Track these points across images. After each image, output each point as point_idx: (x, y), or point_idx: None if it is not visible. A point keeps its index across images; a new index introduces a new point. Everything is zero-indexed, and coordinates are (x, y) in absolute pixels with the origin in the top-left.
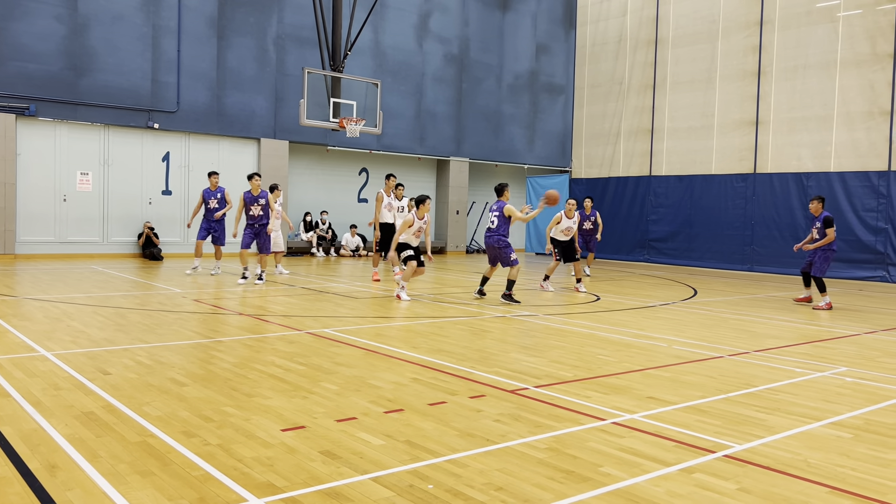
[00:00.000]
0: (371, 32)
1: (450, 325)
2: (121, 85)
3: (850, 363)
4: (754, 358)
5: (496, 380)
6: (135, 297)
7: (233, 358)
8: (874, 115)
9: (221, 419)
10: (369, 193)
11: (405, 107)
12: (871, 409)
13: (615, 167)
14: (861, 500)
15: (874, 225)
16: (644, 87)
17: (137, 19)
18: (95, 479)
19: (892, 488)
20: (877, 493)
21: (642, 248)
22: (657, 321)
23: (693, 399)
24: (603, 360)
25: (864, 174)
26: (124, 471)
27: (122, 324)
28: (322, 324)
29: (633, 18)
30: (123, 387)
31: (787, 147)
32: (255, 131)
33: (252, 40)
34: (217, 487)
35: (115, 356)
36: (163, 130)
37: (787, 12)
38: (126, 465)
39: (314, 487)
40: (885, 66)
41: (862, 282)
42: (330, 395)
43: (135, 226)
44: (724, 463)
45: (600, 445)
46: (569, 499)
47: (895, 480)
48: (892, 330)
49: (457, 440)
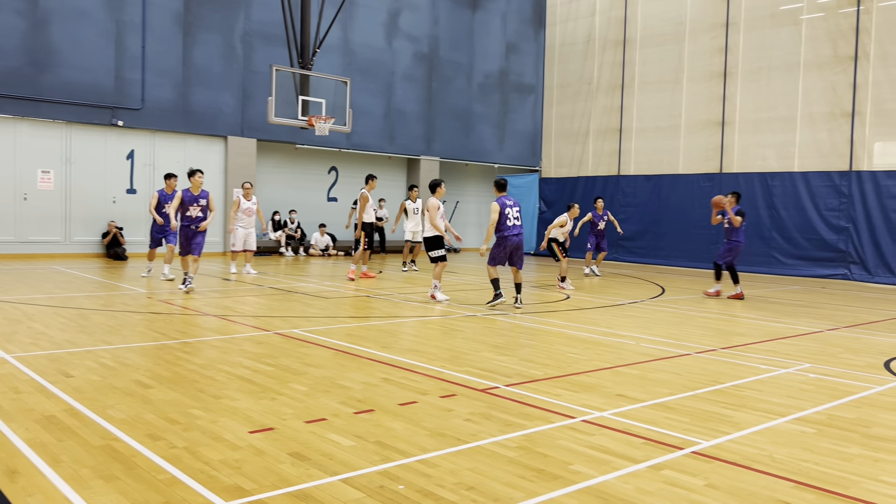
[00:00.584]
0: (340, 30)
1: (421, 324)
2: (83, 81)
3: (814, 360)
4: (721, 355)
5: (467, 379)
6: (98, 297)
7: (199, 359)
8: (836, 117)
9: (188, 421)
10: (339, 192)
11: (375, 105)
12: (833, 404)
13: (584, 167)
14: (824, 494)
15: (836, 224)
16: (612, 88)
17: (100, 14)
18: (57, 484)
19: (854, 482)
20: (839, 487)
21: (611, 247)
22: (626, 319)
23: (661, 396)
24: (573, 359)
25: (827, 174)
26: (87, 475)
27: (84, 325)
28: (291, 324)
29: (602, 19)
30: (86, 389)
31: (753, 147)
32: (222, 129)
33: (219, 37)
34: (183, 491)
35: (78, 358)
36: (127, 128)
37: (752, 14)
38: (89, 469)
39: (283, 490)
40: (846, 68)
41: (825, 279)
42: (299, 396)
43: (98, 225)
44: (691, 459)
45: (570, 443)
46: (539, 497)
47: (857, 474)
48: (854, 327)
49: (427, 440)
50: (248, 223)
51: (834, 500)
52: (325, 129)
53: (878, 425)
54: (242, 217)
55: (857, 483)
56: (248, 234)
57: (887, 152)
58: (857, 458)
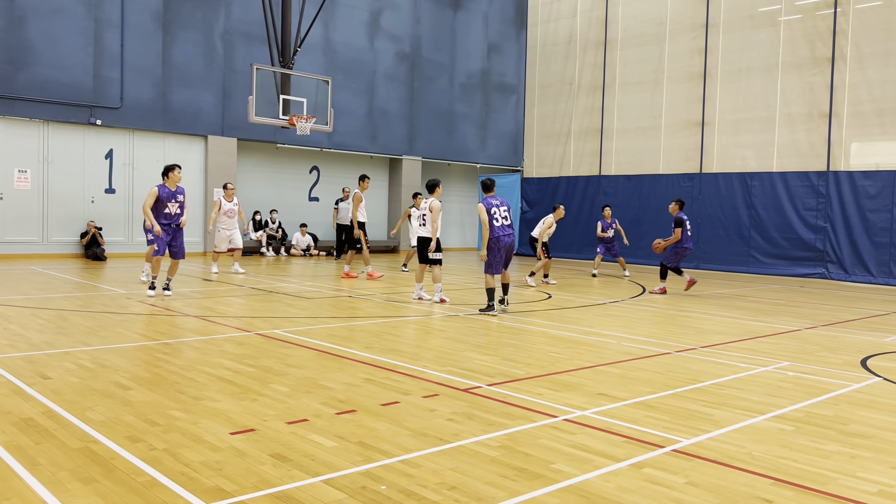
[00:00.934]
0: (321, 29)
1: (403, 324)
2: (61, 80)
3: (792, 358)
4: (701, 354)
5: (450, 379)
6: (77, 298)
7: (180, 360)
8: (814, 117)
9: (168, 423)
10: (320, 192)
11: (357, 105)
12: (811, 402)
13: (566, 167)
14: (802, 491)
15: (814, 223)
16: (594, 88)
17: (78, 12)
18: (35, 487)
19: (831, 478)
20: (817, 484)
21: (592, 247)
22: (607, 318)
23: (642, 395)
24: (555, 358)
25: (805, 174)
26: (65, 478)
27: (63, 326)
28: (272, 325)
29: (583, 20)
30: (64, 391)
31: (732, 147)
32: (202, 128)
33: (199, 35)
34: (163, 493)
35: (56, 360)
36: (106, 127)
37: (732, 16)
38: (67, 472)
39: (264, 491)
40: (823, 69)
41: (803, 279)
42: (280, 397)
43: (76, 225)
44: (672, 457)
45: (552, 442)
46: (521, 496)
47: (834, 471)
48: (832, 325)
49: (410, 440)
50: (230, 224)
51: (812, 497)
52: (306, 129)
53: (854, 422)
54: (224, 219)
55: (835, 479)
56: (233, 233)
57: (864, 153)
58: (834, 454)
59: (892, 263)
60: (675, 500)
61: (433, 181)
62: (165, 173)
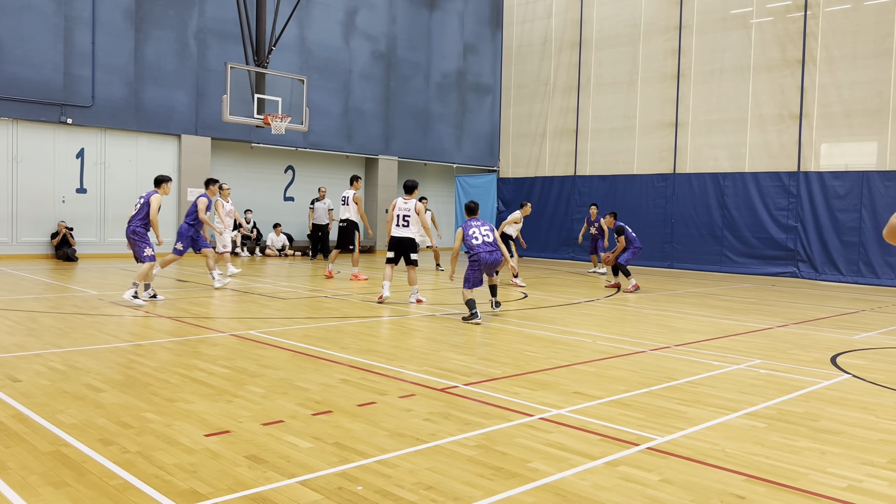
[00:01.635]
0: (296, 28)
1: (379, 324)
2: (30, 78)
3: (764, 356)
4: (675, 352)
5: (426, 379)
6: (47, 299)
7: (153, 362)
8: (784, 118)
9: (141, 425)
10: (295, 192)
11: (332, 104)
12: (783, 399)
13: (541, 167)
14: (774, 487)
15: (785, 223)
16: (569, 89)
17: (48, 9)
18: (4, 492)
19: (802, 474)
20: (788, 480)
21: (567, 247)
22: (582, 317)
23: (617, 393)
24: (531, 357)
25: (776, 174)
26: (36, 482)
27: (33, 328)
28: (247, 325)
29: (558, 20)
30: (35, 394)
31: (705, 148)
32: (175, 127)
33: (171, 34)
34: (137, 496)
35: (26, 362)
36: (77, 126)
37: (704, 18)
38: (38, 476)
39: (240, 493)
40: (794, 71)
41: (774, 277)
42: (255, 399)
43: (47, 225)
44: (647, 455)
45: (528, 441)
46: (498, 495)
47: (805, 466)
48: (802, 323)
49: (386, 440)
50: (227, 224)
51: (783, 493)
52: (281, 128)
53: (825, 419)
54: (227, 220)
55: (806, 475)
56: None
57: (833, 153)
58: (805, 450)
59: (861, 262)
60: (649, 497)
61: (414, 182)
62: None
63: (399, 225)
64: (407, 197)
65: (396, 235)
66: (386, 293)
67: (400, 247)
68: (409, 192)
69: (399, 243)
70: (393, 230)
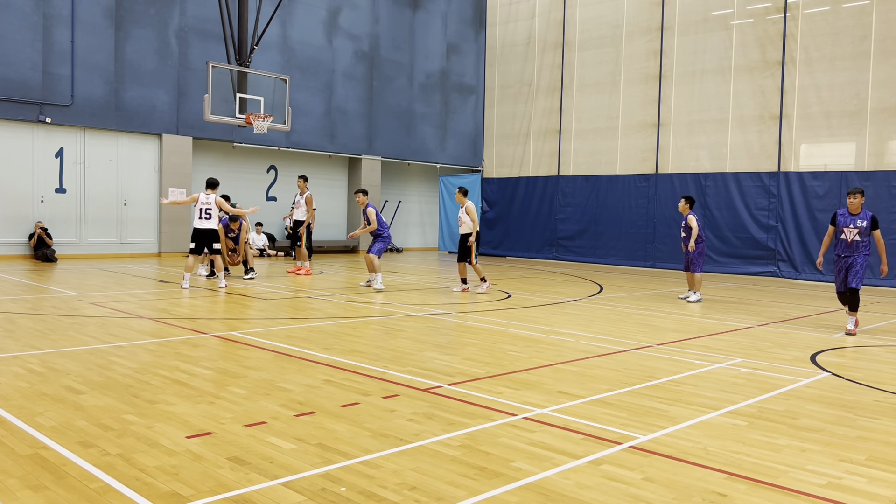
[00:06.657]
0: (279, 27)
1: (363, 325)
2: (7, 76)
3: (745, 354)
4: (657, 351)
5: (410, 379)
6: (26, 300)
7: (134, 363)
8: (765, 119)
9: (122, 428)
10: (278, 191)
11: (315, 103)
12: (763, 397)
13: (525, 167)
14: (755, 484)
15: (766, 223)
16: (552, 89)
17: (26, 7)
18: None
19: (783, 472)
20: (769, 477)
21: (551, 246)
22: (565, 317)
23: (600, 392)
24: (514, 356)
25: (757, 175)
26: (14, 486)
27: (11, 329)
28: (229, 326)
29: (542, 21)
30: (13, 396)
31: (687, 148)
32: (156, 127)
33: (152, 32)
34: (117, 499)
35: (4, 364)
36: (56, 125)
37: (686, 19)
38: (16, 479)
39: (222, 495)
40: (773, 72)
41: (755, 277)
42: (238, 400)
43: (25, 226)
44: (629, 454)
45: (512, 441)
46: (482, 495)
47: (785, 464)
48: (782, 322)
49: (370, 441)
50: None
51: (764, 490)
52: (263, 128)
53: (804, 416)
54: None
55: (786, 473)
56: None
57: (812, 154)
58: (785, 448)
59: None
60: (632, 495)
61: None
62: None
63: (202, 218)
64: (209, 192)
65: (199, 227)
66: (185, 284)
67: (202, 238)
68: (211, 187)
69: (202, 235)
70: (195, 223)
